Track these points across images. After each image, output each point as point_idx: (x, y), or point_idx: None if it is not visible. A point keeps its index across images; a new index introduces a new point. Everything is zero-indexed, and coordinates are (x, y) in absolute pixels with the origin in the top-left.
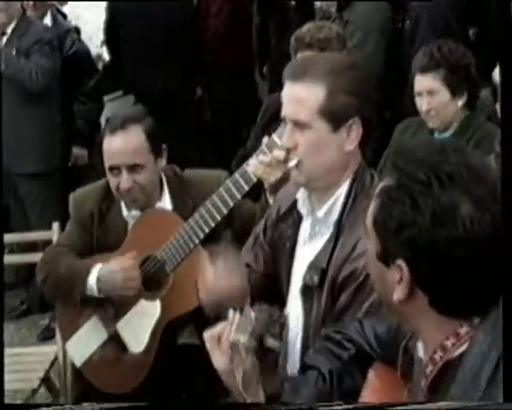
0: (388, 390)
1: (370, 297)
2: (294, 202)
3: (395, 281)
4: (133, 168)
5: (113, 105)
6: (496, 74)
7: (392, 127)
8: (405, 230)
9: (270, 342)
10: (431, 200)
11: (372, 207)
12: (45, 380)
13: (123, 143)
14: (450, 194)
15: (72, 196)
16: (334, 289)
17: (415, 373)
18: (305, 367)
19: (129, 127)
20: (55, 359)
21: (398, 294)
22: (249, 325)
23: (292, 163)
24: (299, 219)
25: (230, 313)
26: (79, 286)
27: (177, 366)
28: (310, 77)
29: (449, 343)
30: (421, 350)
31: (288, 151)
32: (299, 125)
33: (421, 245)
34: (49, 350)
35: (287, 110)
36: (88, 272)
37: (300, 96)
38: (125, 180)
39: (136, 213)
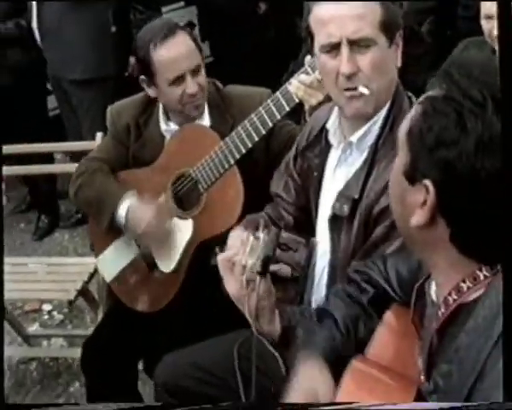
0: (402, 335)
1: None
2: (322, 129)
3: (417, 203)
4: (195, 71)
5: (174, 16)
6: None
7: (453, 46)
8: (443, 148)
9: (282, 269)
10: (481, 123)
11: (410, 116)
12: (83, 292)
13: (181, 48)
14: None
15: (109, 109)
16: (369, 221)
17: (426, 317)
18: (321, 312)
19: (177, 32)
20: (95, 271)
21: (418, 218)
22: (260, 248)
23: (364, 90)
24: (328, 148)
25: (244, 235)
26: (109, 212)
27: (207, 287)
28: None
29: (465, 286)
30: (434, 292)
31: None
32: (360, 44)
33: (457, 171)
34: (90, 262)
35: (345, 31)
36: (119, 202)
37: (360, 11)
38: (191, 85)
39: (174, 127)
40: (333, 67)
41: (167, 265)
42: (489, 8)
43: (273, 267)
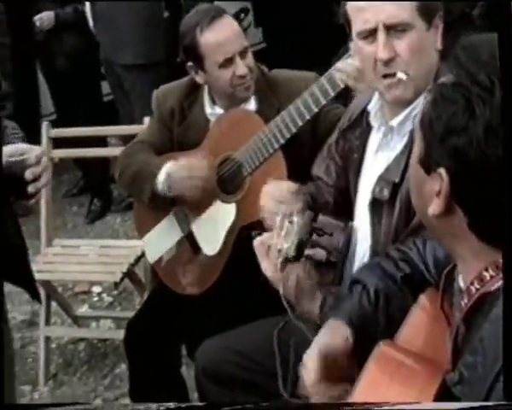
0: (435, 319)
1: None
2: (363, 111)
3: (433, 192)
4: (244, 53)
5: (227, 1)
6: None
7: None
8: (453, 136)
9: (316, 252)
10: (489, 108)
11: (423, 104)
12: (129, 275)
13: (228, 31)
14: None
15: (155, 93)
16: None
17: (454, 305)
18: (353, 281)
19: (223, 16)
20: (143, 254)
21: (434, 207)
22: (294, 232)
23: (402, 75)
24: (369, 130)
25: (278, 220)
26: (150, 183)
27: (250, 271)
28: None
29: (487, 275)
30: (460, 280)
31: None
32: (397, 28)
33: (468, 158)
34: (138, 244)
35: (381, 16)
36: (159, 169)
37: None
38: (241, 67)
39: (219, 111)
40: (370, 53)
41: (211, 248)
42: None
43: (308, 251)
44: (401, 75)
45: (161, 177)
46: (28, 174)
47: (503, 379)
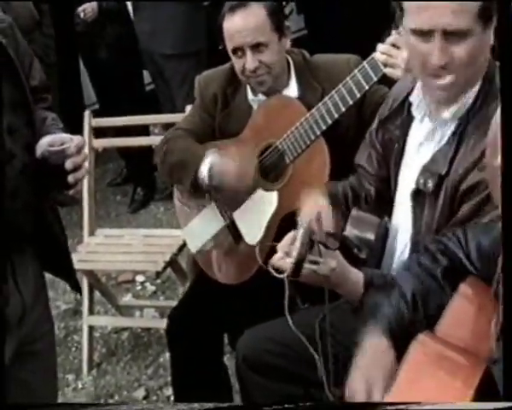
0: (478, 307)
1: (496, 210)
2: (404, 101)
3: None
4: (257, 48)
5: None
6: None
7: None
8: None
9: (319, 268)
10: None
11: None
12: (171, 264)
13: (243, 22)
14: None
15: (197, 79)
16: (455, 198)
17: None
18: (391, 282)
19: (249, 4)
20: (185, 243)
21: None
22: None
23: (446, 80)
24: (410, 119)
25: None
26: (191, 172)
27: None
28: None
29: None
30: None
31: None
32: (456, 35)
33: None
34: (180, 234)
35: (439, 21)
36: (201, 157)
37: (457, 5)
38: (250, 61)
39: (262, 97)
40: (423, 51)
41: (253, 237)
42: None
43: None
44: (452, 79)
45: (204, 167)
46: (68, 164)
47: (503, 379)
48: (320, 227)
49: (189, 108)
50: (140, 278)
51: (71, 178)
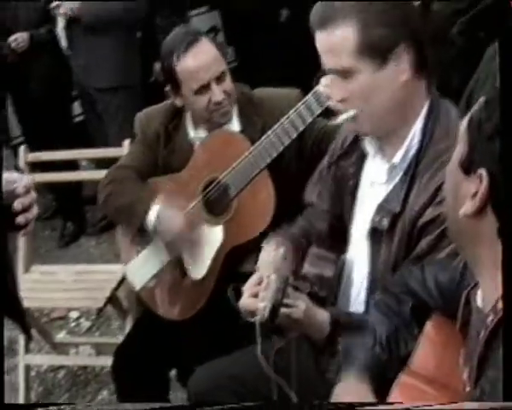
0: (445, 345)
1: (450, 245)
2: (357, 138)
3: (469, 193)
4: (220, 78)
5: (199, 20)
6: None
7: (486, 48)
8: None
9: (292, 311)
10: None
11: (474, 106)
12: (111, 300)
13: (204, 57)
14: None
15: (138, 116)
16: (412, 234)
17: (471, 325)
18: (364, 326)
19: (200, 40)
20: (124, 278)
21: (468, 207)
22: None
23: (348, 115)
24: (363, 156)
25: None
26: (138, 219)
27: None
28: (335, 20)
29: None
30: (480, 299)
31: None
32: (342, 73)
33: None
34: (118, 269)
35: (325, 62)
36: (148, 208)
37: (332, 43)
38: (217, 93)
39: (202, 134)
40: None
41: (198, 271)
42: None
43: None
44: (350, 113)
45: (151, 217)
46: (17, 205)
47: (503, 379)
48: (291, 271)
49: (126, 142)
50: (74, 314)
51: (20, 219)
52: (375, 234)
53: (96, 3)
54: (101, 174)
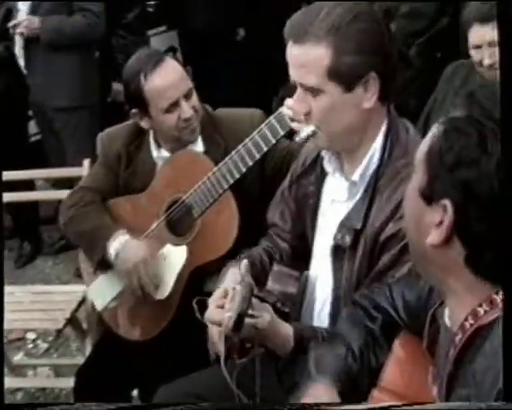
0: (413, 363)
1: None
2: (317, 157)
3: (433, 223)
4: (188, 95)
5: (157, 40)
6: None
7: (443, 69)
8: (463, 168)
9: (258, 322)
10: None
11: (429, 136)
12: (72, 321)
13: (172, 75)
14: None
15: (99, 137)
16: (374, 250)
17: (439, 343)
18: (335, 337)
19: (165, 60)
20: (84, 299)
21: (434, 237)
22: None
23: (308, 130)
24: (324, 175)
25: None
26: (99, 251)
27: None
28: (311, 37)
29: (481, 310)
30: (447, 318)
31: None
32: (309, 89)
33: (477, 191)
34: (79, 289)
35: (294, 74)
36: (109, 240)
37: (304, 60)
38: (186, 109)
39: (165, 154)
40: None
41: (161, 292)
42: (477, 39)
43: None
44: (307, 130)
45: (112, 250)
46: None
47: (503, 379)
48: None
49: (86, 162)
50: (31, 336)
51: None
52: (338, 251)
53: (59, 21)
54: (57, 194)
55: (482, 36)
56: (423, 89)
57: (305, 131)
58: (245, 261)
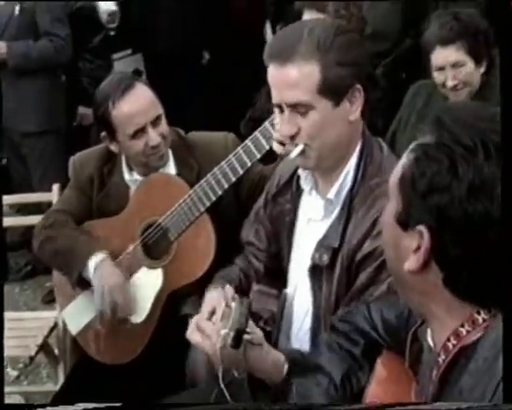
0: (396, 382)
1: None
2: (293, 175)
3: (411, 249)
4: (156, 121)
5: (123, 63)
6: None
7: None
8: (436, 194)
9: (254, 337)
10: (472, 169)
11: (401, 163)
12: (44, 347)
13: (141, 101)
14: (493, 167)
15: (71, 160)
16: (351, 268)
17: (423, 363)
18: (316, 367)
19: (135, 85)
20: (55, 325)
21: (412, 263)
22: (231, 319)
23: (297, 150)
24: (299, 193)
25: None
26: (77, 270)
27: (179, 336)
28: (299, 56)
29: (464, 330)
30: (430, 338)
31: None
32: (299, 108)
33: (450, 215)
34: (50, 315)
35: (282, 96)
36: (87, 259)
37: (294, 79)
38: (153, 137)
39: (137, 177)
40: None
41: (138, 315)
42: (440, 61)
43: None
44: (295, 151)
45: (90, 269)
46: None
47: (503, 379)
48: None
49: (55, 187)
50: None
51: None
52: (316, 270)
53: (26, 45)
54: (24, 220)
55: (445, 57)
56: (390, 109)
57: (295, 151)
58: (228, 286)
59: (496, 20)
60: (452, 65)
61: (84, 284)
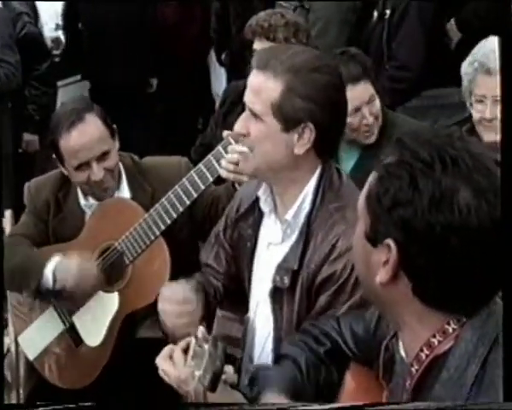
0: (365, 393)
1: (351, 298)
2: (255, 200)
3: (380, 262)
4: (102, 157)
5: (69, 90)
6: None
7: None
8: (400, 208)
9: (227, 377)
10: (431, 182)
11: (368, 183)
12: None
13: (87, 137)
14: (451, 179)
15: (26, 186)
16: (311, 290)
17: (395, 374)
18: (279, 357)
19: (86, 117)
20: (7, 351)
21: (382, 276)
22: (206, 362)
23: (240, 148)
24: (260, 217)
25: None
26: (35, 276)
27: (136, 359)
28: (270, 69)
29: (435, 341)
30: (402, 349)
31: (242, 136)
32: (253, 114)
33: (415, 227)
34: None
35: (247, 97)
36: (44, 263)
37: (258, 87)
38: (96, 172)
39: (93, 202)
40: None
41: (94, 339)
42: (353, 98)
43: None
44: (241, 148)
45: (48, 270)
46: None
47: (503, 379)
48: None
49: (8, 212)
50: None
51: None
52: (277, 293)
53: None
54: None
55: (361, 95)
56: None
57: (238, 148)
58: (201, 327)
59: (496, 23)
60: (368, 101)
61: (39, 307)
